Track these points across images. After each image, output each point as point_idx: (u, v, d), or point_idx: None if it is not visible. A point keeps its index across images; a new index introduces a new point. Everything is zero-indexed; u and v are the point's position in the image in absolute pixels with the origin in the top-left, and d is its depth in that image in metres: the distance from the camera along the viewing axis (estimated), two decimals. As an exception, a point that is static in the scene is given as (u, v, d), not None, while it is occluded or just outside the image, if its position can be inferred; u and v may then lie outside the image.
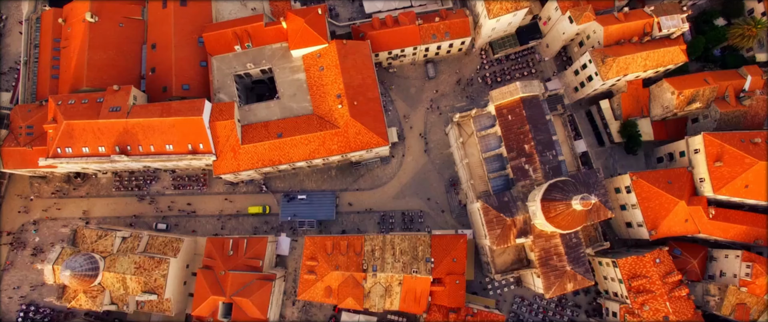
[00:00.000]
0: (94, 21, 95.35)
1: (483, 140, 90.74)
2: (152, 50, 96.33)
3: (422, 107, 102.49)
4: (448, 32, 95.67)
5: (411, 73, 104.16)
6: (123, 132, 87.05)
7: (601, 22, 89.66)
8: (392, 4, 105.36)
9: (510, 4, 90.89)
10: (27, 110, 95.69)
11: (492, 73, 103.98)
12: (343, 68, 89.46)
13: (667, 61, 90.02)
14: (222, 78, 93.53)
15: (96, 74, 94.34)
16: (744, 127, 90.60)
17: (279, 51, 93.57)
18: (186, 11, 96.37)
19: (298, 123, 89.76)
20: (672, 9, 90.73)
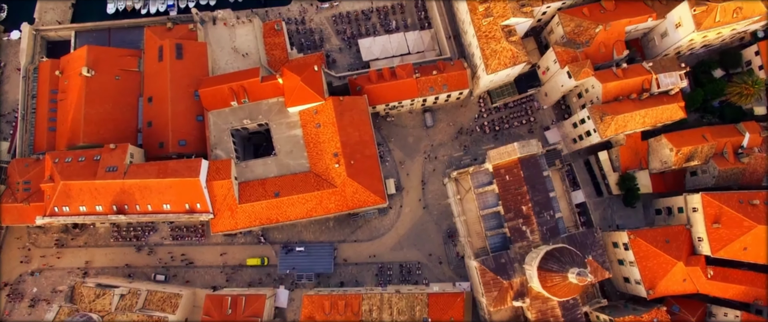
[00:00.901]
0: (90, 75, 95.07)
1: (481, 197, 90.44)
2: (149, 104, 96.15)
3: (420, 157, 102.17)
4: (445, 85, 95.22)
5: (409, 122, 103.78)
6: (120, 192, 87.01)
7: (600, 79, 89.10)
8: (389, 51, 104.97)
9: (508, 60, 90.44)
10: (24, 165, 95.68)
11: (490, 121, 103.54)
12: (340, 126, 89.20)
13: (665, 118, 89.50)
14: (219, 133, 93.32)
15: (93, 129, 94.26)
16: (743, 183, 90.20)
17: (275, 106, 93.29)
18: (182, 64, 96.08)
19: (296, 181, 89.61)
20: (670, 65, 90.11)
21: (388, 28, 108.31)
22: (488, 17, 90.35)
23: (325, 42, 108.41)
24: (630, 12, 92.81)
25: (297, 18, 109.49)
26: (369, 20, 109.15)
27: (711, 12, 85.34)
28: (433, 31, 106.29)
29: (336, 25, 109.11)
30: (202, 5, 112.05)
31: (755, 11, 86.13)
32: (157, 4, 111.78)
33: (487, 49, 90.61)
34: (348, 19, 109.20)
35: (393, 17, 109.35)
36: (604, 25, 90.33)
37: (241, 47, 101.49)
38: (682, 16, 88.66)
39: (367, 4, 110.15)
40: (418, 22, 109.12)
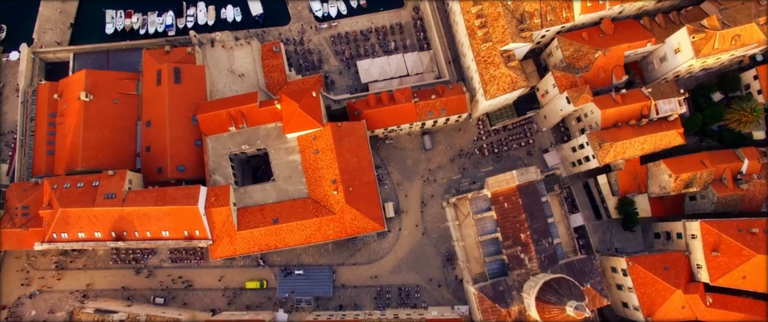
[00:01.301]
0: (88, 100, 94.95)
1: (479, 223, 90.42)
2: (147, 128, 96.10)
3: (419, 179, 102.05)
4: (444, 109, 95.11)
5: (408, 145, 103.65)
6: (119, 219, 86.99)
7: (599, 105, 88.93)
8: (388, 72, 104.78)
9: (507, 85, 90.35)
10: (22, 189, 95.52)
11: (489, 143, 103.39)
12: (338, 153, 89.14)
13: (664, 144, 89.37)
14: (217, 159, 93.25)
15: (91, 154, 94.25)
16: (742, 210, 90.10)
17: (274, 131, 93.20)
18: (180, 88, 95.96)
19: (294, 207, 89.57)
20: (669, 91, 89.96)
21: (387, 49, 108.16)
22: (487, 42, 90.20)
23: (324, 63, 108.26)
24: (629, 36, 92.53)
25: (295, 38, 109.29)
26: (368, 41, 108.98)
27: (710, 39, 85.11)
28: (431, 52, 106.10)
29: (334, 46, 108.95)
30: (201, 26, 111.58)
31: (753, 38, 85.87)
32: (156, 25, 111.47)
33: (486, 74, 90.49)
34: (346, 39, 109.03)
35: (392, 38, 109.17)
36: (603, 50, 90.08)
37: (239, 70, 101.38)
38: (681, 42, 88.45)
39: (366, 24, 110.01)
40: (417, 43, 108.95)
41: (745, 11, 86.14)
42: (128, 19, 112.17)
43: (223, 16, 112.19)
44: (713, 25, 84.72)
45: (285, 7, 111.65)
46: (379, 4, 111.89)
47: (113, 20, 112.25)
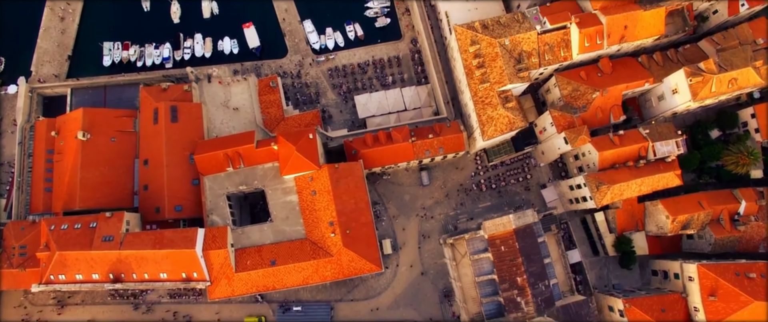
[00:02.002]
0: (86, 139, 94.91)
1: (476, 263, 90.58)
2: (145, 166, 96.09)
3: (416, 215, 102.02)
4: (442, 148, 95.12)
5: (405, 180, 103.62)
6: (116, 261, 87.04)
7: (597, 146, 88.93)
8: (386, 107, 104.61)
9: (505, 126, 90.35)
10: (20, 228, 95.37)
11: (487, 179, 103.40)
12: (335, 195, 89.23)
13: (661, 186, 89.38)
14: (214, 199, 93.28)
15: (89, 194, 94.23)
16: (739, 251, 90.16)
17: (271, 171, 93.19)
18: (177, 127, 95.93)
19: (292, 249, 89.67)
20: (667, 132, 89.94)
21: (384, 83, 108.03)
22: (484, 83, 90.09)
23: (321, 96, 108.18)
24: (627, 76, 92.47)
25: (293, 71, 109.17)
26: (365, 74, 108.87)
27: (707, 83, 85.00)
28: (429, 86, 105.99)
29: (332, 79, 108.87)
30: (198, 58, 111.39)
31: (750, 82, 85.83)
32: (153, 57, 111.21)
33: (484, 115, 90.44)
34: (344, 72, 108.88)
35: (389, 71, 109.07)
36: (601, 91, 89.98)
37: (236, 106, 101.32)
38: (679, 84, 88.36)
39: (364, 57, 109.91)
40: (415, 77, 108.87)
41: (741, 54, 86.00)
42: (125, 52, 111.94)
43: (220, 49, 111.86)
44: (710, 69, 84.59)
45: (282, 40, 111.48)
46: (376, 36, 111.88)
47: (110, 52, 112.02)
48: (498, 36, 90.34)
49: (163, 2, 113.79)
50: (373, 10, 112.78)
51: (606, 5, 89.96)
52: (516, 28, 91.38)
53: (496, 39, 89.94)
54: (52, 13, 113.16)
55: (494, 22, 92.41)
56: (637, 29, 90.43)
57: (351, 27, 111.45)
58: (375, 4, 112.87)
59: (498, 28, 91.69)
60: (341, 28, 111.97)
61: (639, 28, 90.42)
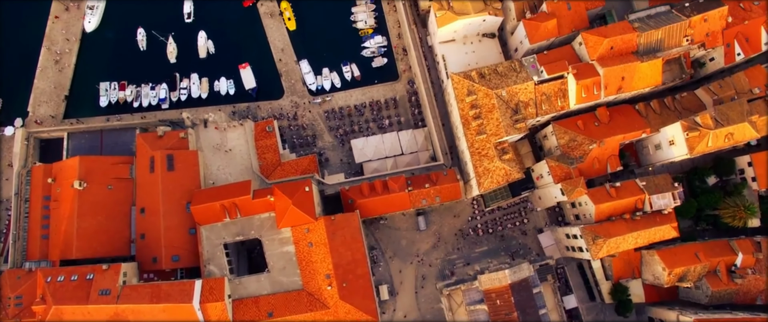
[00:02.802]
0: (82, 188, 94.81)
1: (472, 314, 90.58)
2: (141, 215, 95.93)
3: (413, 260, 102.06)
4: (438, 197, 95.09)
5: (402, 225, 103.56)
6: (114, 315, 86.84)
7: (593, 199, 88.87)
8: (382, 151, 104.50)
9: (501, 178, 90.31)
10: (16, 277, 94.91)
11: (484, 223, 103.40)
12: (331, 247, 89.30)
13: (658, 238, 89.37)
14: (211, 249, 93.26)
15: (86, 243, 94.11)
16: (737, 303, 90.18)
17: (267, 221, 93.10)
18: (174, 176, 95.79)
19: (289, 300, 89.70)
20: (664, 184, 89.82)
21: (381, 125, 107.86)
22: (481, 134, 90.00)
23: (318, 139, 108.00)
24: (624, 125, 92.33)
25: (289, 113, 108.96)
26: (362, 115, 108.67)
27: (703, 137, 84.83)
28: (426, 130, 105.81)
29: (328, 121, 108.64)
30: (194, 99, 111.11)
31: (746, 136, 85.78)
32: (149, 98, 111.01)
33: (480, 166, 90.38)
34: (340, 114, 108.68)
35: (386, 112, 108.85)
36: (598, 142, 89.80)
37: (232, 151, 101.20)
38: (675, 137, 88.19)
39: (360, 98, 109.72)
40: (412, 119, 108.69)
41: (737, 108, 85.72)
42: (122, 92, 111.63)
43: (217, 89, 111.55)
44: (707, 124, 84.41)
45: (278, 80, 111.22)
46: (373, 77, 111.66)
47: (107, 93, 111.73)
48: (495, 86, 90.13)
49: (159, 41, 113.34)
50: (369, 50, 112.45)
51: (603, 55, 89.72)
52: (513, 77, 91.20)
53: (493, 90, 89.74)
54: (49, 52, 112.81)
55: (491, 71, 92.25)
56: (635, 80, 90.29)
57: (347, 67, 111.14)
58: (372, 43, 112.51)
59: (495, 77, 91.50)
60: (338, 69, 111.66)
61: (636, 79, 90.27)
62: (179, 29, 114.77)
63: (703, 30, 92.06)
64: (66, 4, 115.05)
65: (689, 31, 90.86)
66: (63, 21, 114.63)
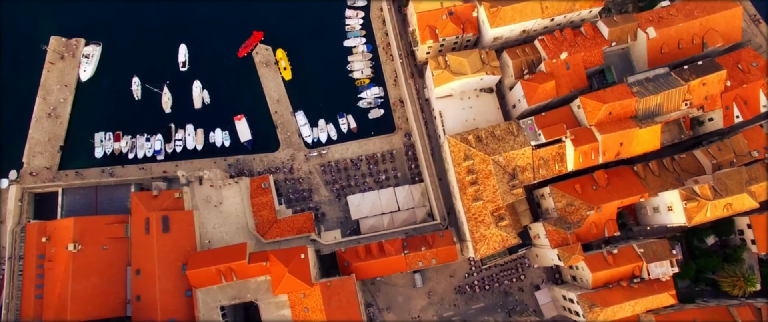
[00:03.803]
0: (77, 251, 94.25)
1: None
2: (137, 276, 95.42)
3: (410, 317, 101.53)
4: (434, 259, 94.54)
5: (398, 281, 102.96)
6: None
7: (590, 266, 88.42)
8: (379, 208, 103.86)
9: (498, 244, 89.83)
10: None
11: (481, 279, 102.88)
12: (328, 312, 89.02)
13: (655, 306, 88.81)
14: (208, 312, 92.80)
15: (80, 306, 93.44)
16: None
17: (263, 284, 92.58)
18: (169, 237, 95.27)
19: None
20: (662, 250, 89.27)
21: (378, 180, 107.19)
22: (477, 201, 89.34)
23: (314, 193, 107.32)
24: (622, 189, 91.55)
25: (285, 166, 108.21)
26: (358, 169, 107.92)
27: (702, 208, 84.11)
28: (423, 185, 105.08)
29: (325, 175, 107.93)
30: (189, 150, 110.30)
31: (745, 206, 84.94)
32: (145, 150, 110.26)
33: (476, 232, 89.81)
34: (337, 168, 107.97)
35: (383, 166, 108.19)
36: (595, 209, 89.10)
37: (228, 210, 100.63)
38: (674, 204, 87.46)
39: (357, 151, 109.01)
40: (409, 172, 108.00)
41: (736, 177, 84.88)
42: (117, 143, 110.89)
43: (212, 141, 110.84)
44: (705, 195, 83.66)
45: (274, 132, 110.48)
46: (370, 129, 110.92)
47: (102, 143, 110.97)
48: (492, 152, 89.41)
49: (153, 91, 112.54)
50: (366, 101, 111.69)
51: (602, 120, 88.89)
52: (510, 142, 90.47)
53: (490, 156, 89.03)
54: (44, 102, 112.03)
55: (488, 134, 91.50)
56: (633, 145, 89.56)
57: (344, 119, 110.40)
58: (368, 94, 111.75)
59: (492, 141, 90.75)
60: (334, 120, 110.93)
61: (635, 144, 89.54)
62: (174, 78, 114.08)
63: (702, 93, 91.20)
64: (61, 53, 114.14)
65: (688, 96, 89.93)
66: (58, 70, 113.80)
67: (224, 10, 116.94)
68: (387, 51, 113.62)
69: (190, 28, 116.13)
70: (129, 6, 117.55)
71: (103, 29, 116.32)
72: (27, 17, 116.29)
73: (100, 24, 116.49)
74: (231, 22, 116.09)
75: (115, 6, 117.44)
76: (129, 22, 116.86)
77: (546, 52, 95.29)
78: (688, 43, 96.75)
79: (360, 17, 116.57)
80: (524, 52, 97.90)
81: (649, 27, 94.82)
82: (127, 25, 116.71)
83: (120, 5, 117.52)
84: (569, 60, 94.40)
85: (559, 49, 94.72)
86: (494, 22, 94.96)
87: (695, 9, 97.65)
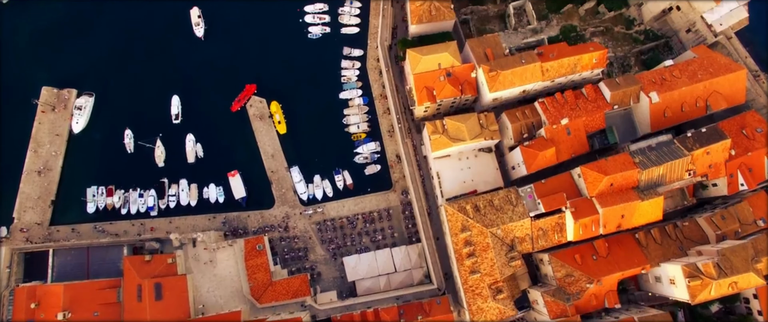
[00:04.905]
0: (66, 319, 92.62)
1: None
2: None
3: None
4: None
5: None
6: None
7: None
8: (375, 269, 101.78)
9: (495, 316, 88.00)
10: None
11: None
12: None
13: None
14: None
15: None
16: None
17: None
18: (162, 305, 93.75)
19: None
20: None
21: (374, 239, 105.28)
22: (475, 273, 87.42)
23: (310, 252, 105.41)
24: (623, 260, 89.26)
25: (280, 224, 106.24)
26: (355, 228, 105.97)
27: (706, 286, 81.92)
28: (420, 246, 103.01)
29: (321, 233, 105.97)
30: (183, 206, 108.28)
31: (751, 284, 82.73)
32: (138, 205, 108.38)
33: (473, 305, 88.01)
34: (333, 226, 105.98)
35: (379, 225, 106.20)
36: (596, 281, 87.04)
37: (222, 273, 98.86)
38: (676, 278, 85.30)
39: (353, 209, 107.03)
40: (406, 232, 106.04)
41: (742, 253, 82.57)
42: (110, 198, 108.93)
43: (206, 196, 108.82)
44: (709, 273, 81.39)
45: (269, 189, 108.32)
46: (366, 185, 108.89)
47: (94, 198, 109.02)
48: (490, 224, 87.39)
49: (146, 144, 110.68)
50: (362, 156, 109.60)
51: (603, 192, 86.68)
52: (509, 212, 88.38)
53: (488, 228, 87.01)
54: (36, 155, 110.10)
55: (486, 204, 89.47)
56: (635, 217, 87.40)
57: (340, 176, 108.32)
58: (365, 149, 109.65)
59: (490, 211, 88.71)
60: (330, 176, 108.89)
61: (637, 216, 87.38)
62: (167, 130, 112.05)
63: (706, 162, 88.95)
64: (52, 104, 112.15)
65: (691, 166, 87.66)
66: (49, 121, 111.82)
67: (217, 61, 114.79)
68: (384, 103, 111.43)
69: (182, 79, 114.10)
70: (121, 56, 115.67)
71: (95, 79, 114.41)
72: (18, 67, 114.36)
73: (92, 74, 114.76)
74: (224, 73, 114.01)
75: (107, 56, 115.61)
76: (121, 73, 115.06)
77: (546, 116, 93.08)
78: (692, 105, 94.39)
79: (356, 67, 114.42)
80: (524, 114, 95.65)
81: (652, 91, 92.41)
82: (119, 76, 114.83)
83: (112, 56, 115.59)
84: (570, 125, 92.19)
85: (560, 114, 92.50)
86: (493, 87, 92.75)
87: (699, 70, 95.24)
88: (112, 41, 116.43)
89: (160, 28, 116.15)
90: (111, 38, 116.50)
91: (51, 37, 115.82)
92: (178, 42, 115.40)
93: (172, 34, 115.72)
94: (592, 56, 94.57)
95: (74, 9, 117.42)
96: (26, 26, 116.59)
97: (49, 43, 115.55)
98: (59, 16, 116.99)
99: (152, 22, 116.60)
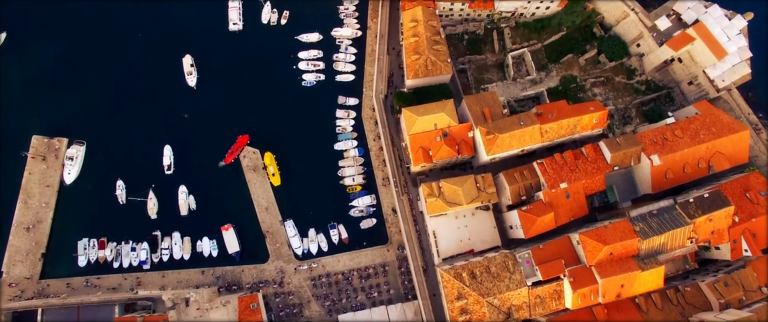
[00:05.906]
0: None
1: None
2: None
3: None
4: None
5: None
6: None
7: None
8: None
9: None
10: None
11: None
12: None
13: None
14: None
15: None
16: None
17: None
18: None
19: None
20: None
21: (370, 295, 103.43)
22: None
23: (305, 308, 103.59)
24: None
25: (275, 279, 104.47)
26: (350, 283, 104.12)
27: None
28: (417, 303, 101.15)
29: (316, 289, 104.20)
30: (176, 260, 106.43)
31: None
32: (130, 259, 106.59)
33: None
34: (328, 282, 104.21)
35: (375, 280, 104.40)
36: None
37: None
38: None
39: (349, 264, 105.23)
40: (402, 288, 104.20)
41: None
42: (101, 251, 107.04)
43: (200, 250, 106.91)
44: (711, 350, 79.73)
45: (263, 242, 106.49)
46: (362, 239, 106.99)
47: (86, 251, 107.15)
48: (486, 293, 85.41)
49: (138, 198, 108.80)
50: (358, 209, 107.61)
51: (602, 261, 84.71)
52: (506, 279, 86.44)
53: (485, 297, 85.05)
54: (26, 207, 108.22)
55: (483, 270, 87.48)
56: (635, 286, 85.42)
57: (335, 230, 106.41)
58: (360, 203, 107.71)
59: (487, 279, 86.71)
60: (325, 230, 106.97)
61: (637, 286, 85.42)
62: (159, 181, 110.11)
63: (709, 229, 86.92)
64: (43, 154, 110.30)
65: (693, 234, 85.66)
66: (40, 172, 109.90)
67: (210, 111, 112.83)
68: (380, 155, 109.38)
69: (174, 129, 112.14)
70: (113, 104, 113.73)
71: (87, 128, 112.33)
72: (7, 115, 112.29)
73: (84, 122, 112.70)
74: (217, 123, 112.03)
75: (98, 104, 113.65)
76: (113, 121, 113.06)
77: (545, 178, 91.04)
78: (694, 166, 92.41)
79: (351, 117, 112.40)
80: (523, 175, 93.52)
81: (653, 154, 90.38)
82: (111, 124, 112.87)
83: (103, 103, 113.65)
84: (570, 188, 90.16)
85: (559, 176, 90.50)
86: (491, 151, 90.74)
87: (701, 129, 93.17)
88: (104, 89, 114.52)
89: (152, 77, 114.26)
90: (103, 86, 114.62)
91: (41, 85, 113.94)
92: (171, 90, 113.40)
93: (165, 82, 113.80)
94: (592, 117, 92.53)
95: (65, 56, 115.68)
96: (17, 73, 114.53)
97: (39, 91, 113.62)
98: (50, 63, 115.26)
99: (145, 70, 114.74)
